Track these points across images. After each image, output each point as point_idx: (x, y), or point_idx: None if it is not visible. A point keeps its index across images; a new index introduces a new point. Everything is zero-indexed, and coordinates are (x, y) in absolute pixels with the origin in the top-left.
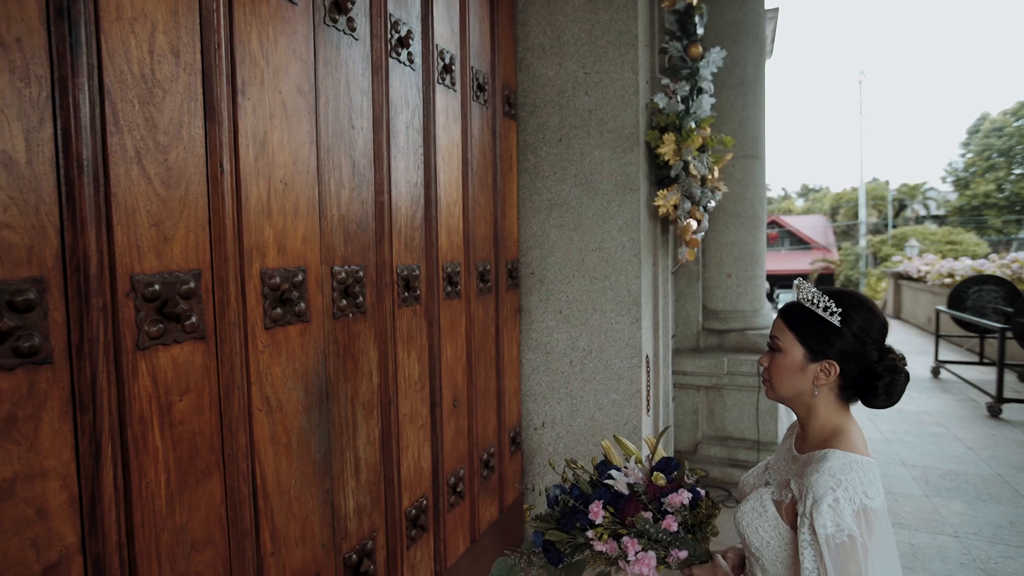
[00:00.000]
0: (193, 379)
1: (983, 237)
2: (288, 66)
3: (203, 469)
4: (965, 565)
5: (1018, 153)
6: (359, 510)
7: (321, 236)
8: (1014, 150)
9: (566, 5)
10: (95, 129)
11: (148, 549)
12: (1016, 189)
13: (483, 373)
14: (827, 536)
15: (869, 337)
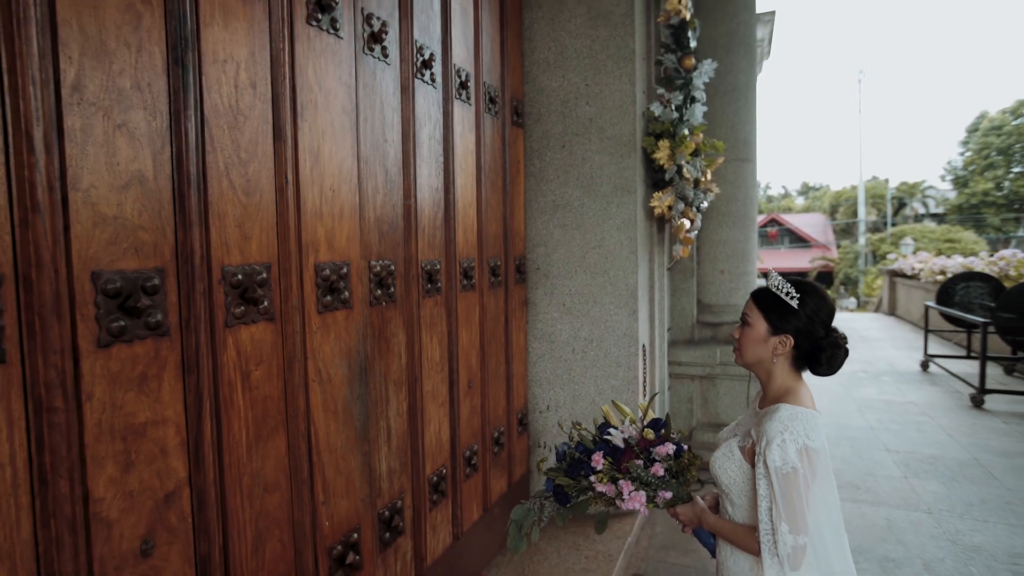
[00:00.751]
0: (265, 353)
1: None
2: (336, 90)
3: (272, 427)
4: (935, 537)
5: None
6: (390, 472)
7: (361, 235)
8: (1013, 148)
9: (569, 23)
10: (198, 150)
11: (234, 488)
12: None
13: (494, 359)
14: (775, 468)
15: (818, 318)
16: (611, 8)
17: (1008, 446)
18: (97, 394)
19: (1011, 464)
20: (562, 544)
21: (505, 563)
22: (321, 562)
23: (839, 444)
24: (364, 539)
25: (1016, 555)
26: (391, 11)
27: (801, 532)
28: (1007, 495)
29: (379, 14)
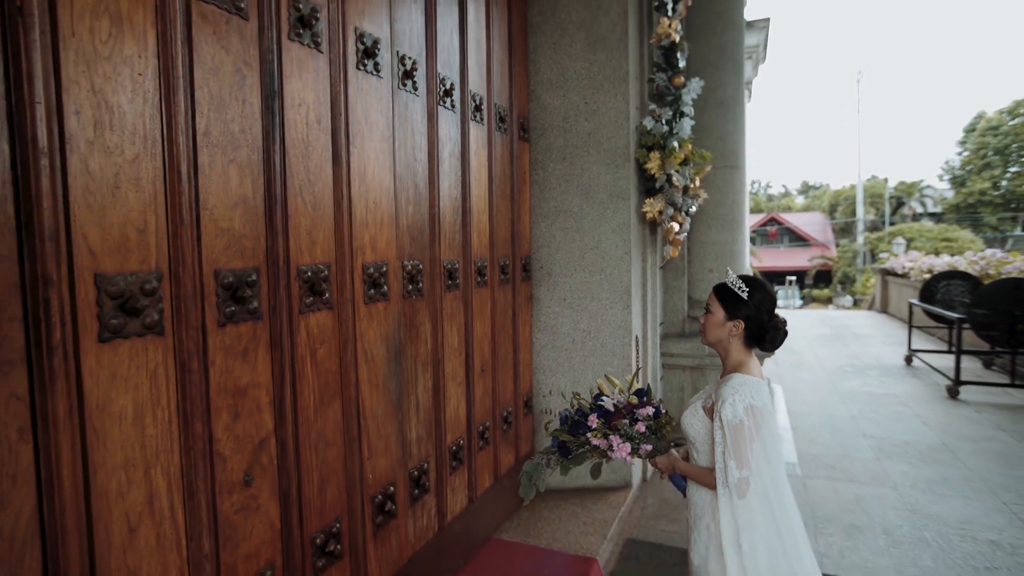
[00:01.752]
0: (326, 335)
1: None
2: (378, 121)
3: (331, 395)
4: (897, 508)
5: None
6: (418, 439)
7: (396, 239)
8: (1009, 148)
9: (570, 47)
10: (281, 176)
11: (305, 441)
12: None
13: (503, 347)
14: (727, 420)
15: (763, 307)
16: (607, 34)
17: (975, 432)
18: (217, 361)
19: (976, 447)
20: (563, 512)
21: (513, 527)
22: (366, 508)
23: (821, 431)
24: (398, 492)
25: (966, 522)
26: (420, 51)
27: (744, 467)
28: (968, 474)
29: (410, 54)
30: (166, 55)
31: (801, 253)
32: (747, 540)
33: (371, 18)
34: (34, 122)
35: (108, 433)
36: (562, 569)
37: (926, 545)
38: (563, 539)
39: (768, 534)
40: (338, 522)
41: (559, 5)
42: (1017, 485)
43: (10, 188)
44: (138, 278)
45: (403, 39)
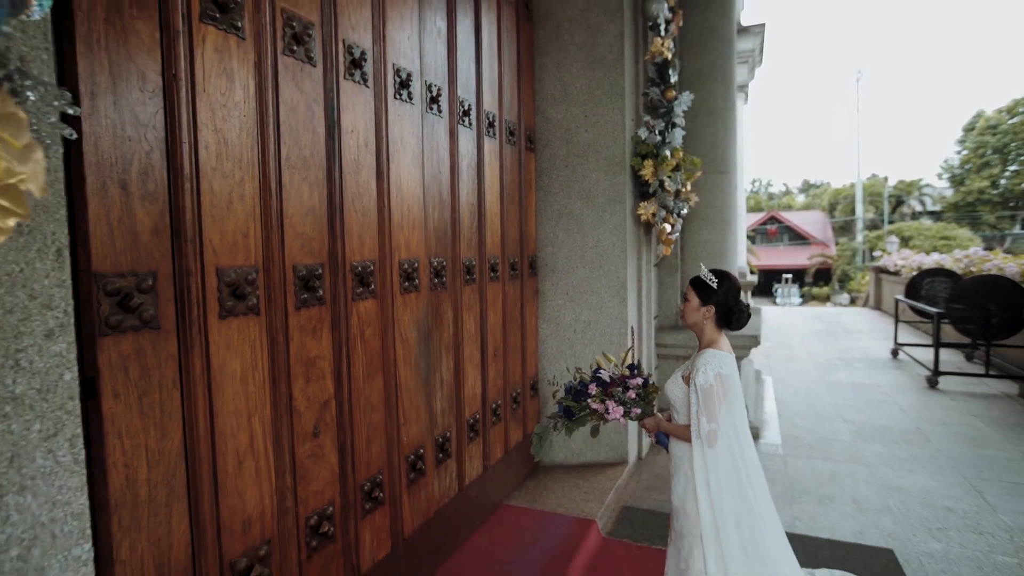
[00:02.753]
0: (372, 319)
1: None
2: (410, 141)
3: (375, 369)
4: (868, 482)
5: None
6: (442, 411)
7: (425, 240)
8: (1008, 147)
9: (571, 66)
10: (339, 190)
11: (356, 405)
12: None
13: (513, 335)
14: (700, 385)
15: (730, 294)
16: (605, 54)
17: (948, 417)
18: (295, 337)
19: (947, 431)
20: (566, 484)
21: (521, 495)
22: (402, 465)
23: (805, 417)
24: (427, 454)
25: (927, 493)
26: (443, 79)
27: (713, 421)
28: (936, 453)
29: (436, 82)
30: (260, 99)
31: (801, 251)
32: (714, 480)
33: (405, 55)
34: (181, 156)
35: (224, 388)
36: (565, 529)
37: (888, 511)
38: (566, 505)
39: (731, 476)
40: (381, 474)
41: (562, 29)
42: (979, 463)
43: (166, 204)
44: (243, 271)
45: (430, 70)
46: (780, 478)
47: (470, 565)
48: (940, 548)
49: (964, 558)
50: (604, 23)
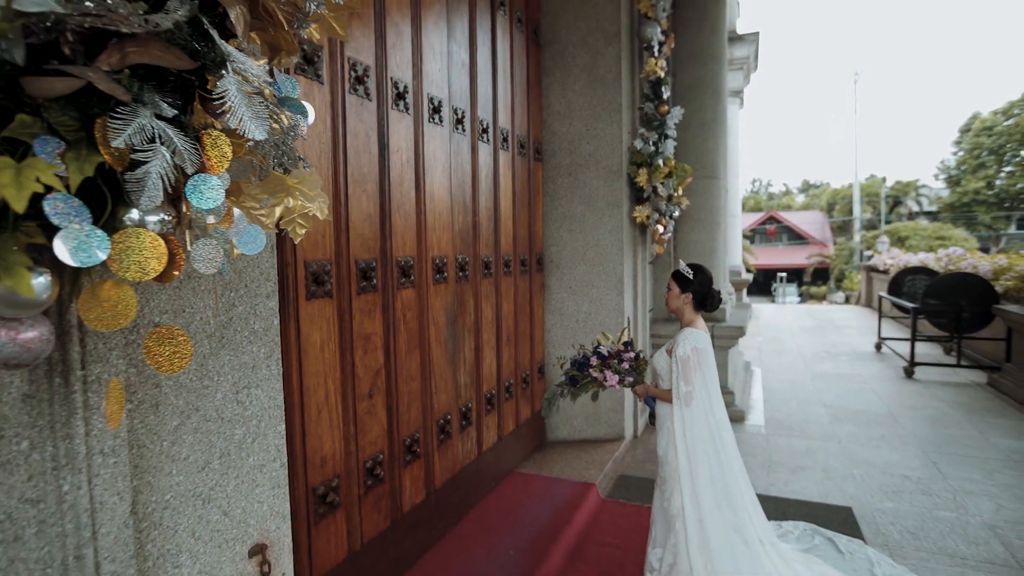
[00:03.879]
0: (411, 304)
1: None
2: (440, 157)
3: (413, 346)
4: (837, 456)
5: (1007, 152)
6: (465, 385)
7: (452, 240)
8: (1003, 149)
9: (575, 85)
10: (387, 199)
11: (399, 374)
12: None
13: (523, 323)
14: (679, 356)
15: (704, 283)
16: (604, 74)
17: (919, 403)
18: (356, 317)
19: (916, 414)
20: (569, 456)
21: (530, 464)
22: (433, 428)
23: (788, 403)
24: (453, 421)
25: (889, 464)
26: (467, 103)
27: (689, 384)
28: (903, 433)
29: (460, 106)
30: (333, 129)
31: (799, 251)
32: (690, 433)
33: (437, 85)
34: None
35: (309, 353)
36: (569, 491)
37: (852, 479)
38: (569, 472)
39: (703, 430)
40: (418, 433)
41: (566, 52)
42: (939, 440)
43: None
44: (321, 263)
45: (456, 96)
46: (761, 453)
47: (489, 515)
48: (892, 506)
49: (911, 513)
50: (603, 47)
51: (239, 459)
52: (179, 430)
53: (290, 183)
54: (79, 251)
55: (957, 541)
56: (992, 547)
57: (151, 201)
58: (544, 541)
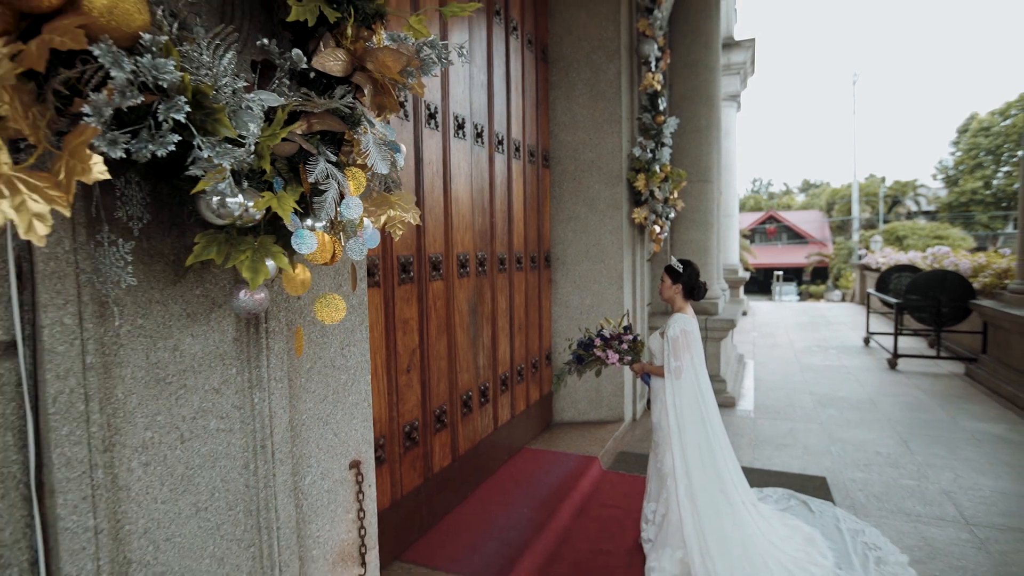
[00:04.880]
0: (440, 294)
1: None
2: (463, 166)
3: (441, 330)
4: (819, 435)
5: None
6: (483, 367)
7: (473, 239)
8: (1001, 149)
9: (579, 98)
10: (422, 205)
11: (430, 353)
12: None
13: (532, 314)
14: (670, 336)
15: (692, 276)
16: (606, 88)
17: (898, 390)
18: (397, 304)
19: (895, 400)
20: (574, 435)
21: (539, 442)
22: (458, 402)
23: (777, 391)
24: (473, 397)
25: (864, 442)
26: (485, 119)
27: (678, 360)
28: (880, 416)
29: (480, 122)
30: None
31: (799, 250)
32: (679, 402)
33: (461, 105)
34: None
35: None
36: (574, 463)
37: (829, 454)
38: (574, 448)
39: (691, 400)
40: (445, 406)
41: (571, 69)
42: (913, 423)
43: None
44: (371, 259)
45: (476, 113)
46: (748, 433)
47: (504, 482)
48: (862, 476)
49: (878, 482)
50: (605, 63)
51: (343, 396)
52: (309, 372)
53: (392, 200)
54: (302, 244)
55: (915, 503)
56: (944, 507)
57: (328, 215)
58: (553, 502)
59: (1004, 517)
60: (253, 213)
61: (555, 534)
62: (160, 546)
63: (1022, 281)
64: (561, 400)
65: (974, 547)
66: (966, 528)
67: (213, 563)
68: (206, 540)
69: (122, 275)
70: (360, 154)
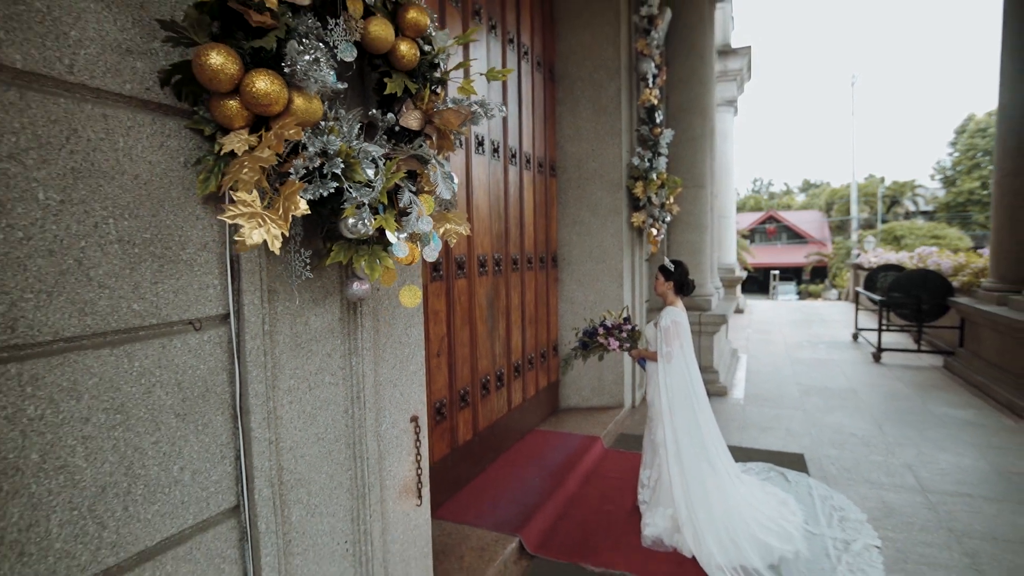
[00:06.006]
0: (463, 290)
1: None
2: (482, 178)
3: (464, 321)
4: (802, 420)
5: None
6: (499, 354)
7: (491, 241)
8: None
9: (582, 112)
10: None
11: (455, 341)
12: None
13: (541, 309)
14: (662, 326)
15: (682, 274)
16: (607, 104)
17: (879, 381)
18: (430, 297)
19: (874, 390)
20: (578, 418)
21: (547, 424)
22: (477, 384)
23: (767, 382)
24: (491, 381)
25: (841, 425)
26: (500, 135)
27: (669, 346)
28: (860, 404)
29: (496, 139)
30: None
31: (798, 250)
32: (670, 383)
33: (480, 125)
34: None
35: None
36: (579, 442)
37: (809, 436)
38: (579, 430)
39: (680, 381)
40: (467, 387)
41: (575, 86)
42: (889, 410)
43: None
44: None
45: (493, 131)
46: (737, 418)
47: (517, 456)
48: (836, 453)
49: (850, 458)
50: (606, 81)
51: (406, 365)
52: (384, 345)
53: (449, 216)
54: (397, 251)
55: (879, 474)
56: (905, 477)
57: (411, 229)
58: (561, 472)
59: (956, 485)
60: (369, 229)
61: (563, 498)
62: (297, 460)
63: (994, 280)
64: (566, 387)
65: (925, 508)
66: (921, 494)
67: (326, 478)
68: (322, 461)
69: (303, 272)
70: (428, 184)
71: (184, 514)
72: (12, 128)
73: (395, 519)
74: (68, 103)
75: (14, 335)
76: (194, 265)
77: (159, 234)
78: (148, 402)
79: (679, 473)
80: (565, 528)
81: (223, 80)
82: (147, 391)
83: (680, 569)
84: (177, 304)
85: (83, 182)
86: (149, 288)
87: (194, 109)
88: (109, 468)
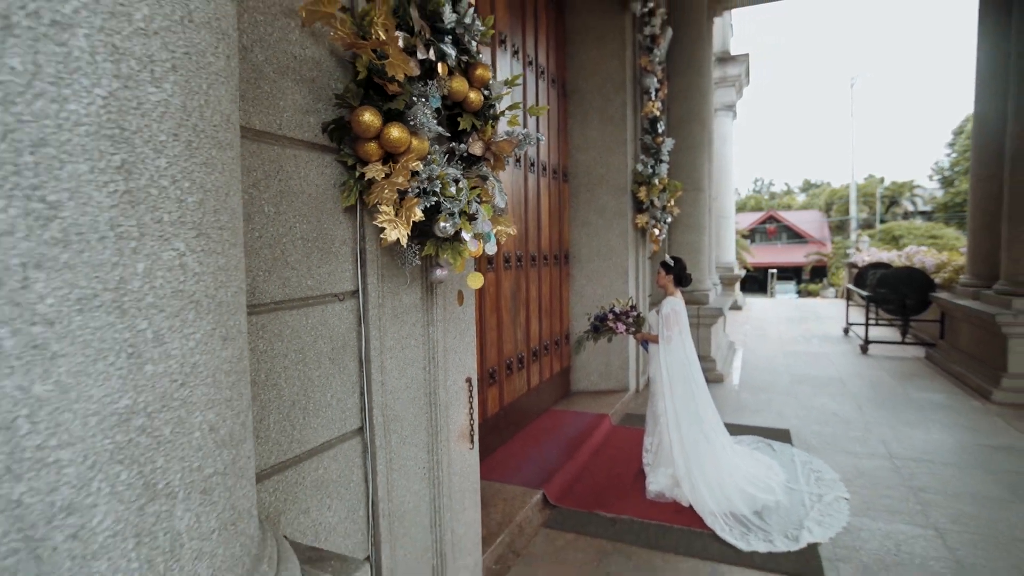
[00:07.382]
0: (492, 282)
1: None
2: (507, 184)
3: (493, 309)
4: (792, 405)
5: None
6: (521, 340)
7: (514, 240)
8: None
9: (591, 123)
10: None
11: (486, 326)
12: None
13: (554, 302)
14: (663, 313)
15: (681, 269)
16: (613, 115)
17: (865, 372)
18: None
19: (859, 379)
20: (588, 400)
21: (560, 405)
22: (503, 365)
23: (762, 372)
24: (513, 363)
25: (827, 408)
26: None
27: (669, 331)
28: (845, 390)
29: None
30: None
31: (798, 249)
32: (669, 361)
33: None
34: None
35: None
36: (589, 419)
37: (797, 417)
38: (589, 409)
39: (680, 361)
40: (495, 367)
41: (585, 99)
42: (870, 394)
43: None
44: None
45: None
46: (732, 402)
47: (535, 431)
48: (818, 429)
49: (831, 433)
50: (613, 94)
51: (463, 336)
52: (448, 320)
53: (500, 220)
54: (471, 246)
55: (855, 445)
56: (877, 447)
57: (477, 230)
58: (574, 444)
59: (920, 453)
60: (452, 230)
61: (577, 464)
62: (395, 401)
63: (970, 276)
64: (577, 372)
65: (891, 471)
66: (889, 460)
67: (412, 417)
68: (409, 404)
69: (413, 260)
70: (486, 195)
71: (333, 428)
72: (253, 167)
73: (456, 456)
74: (278, 148)
75: (253, 298)
76: (339, 255)
77: (321, 233)
78: (315, 348)
79: (678, 439)
80: (580, 488)
81: (370, 130)
82: (314, 340)
83: (679, 515)
84: (330, 282)
85: (284, 199)
86: (316, 270)
87: (339, 147)
88: (296, 389)
